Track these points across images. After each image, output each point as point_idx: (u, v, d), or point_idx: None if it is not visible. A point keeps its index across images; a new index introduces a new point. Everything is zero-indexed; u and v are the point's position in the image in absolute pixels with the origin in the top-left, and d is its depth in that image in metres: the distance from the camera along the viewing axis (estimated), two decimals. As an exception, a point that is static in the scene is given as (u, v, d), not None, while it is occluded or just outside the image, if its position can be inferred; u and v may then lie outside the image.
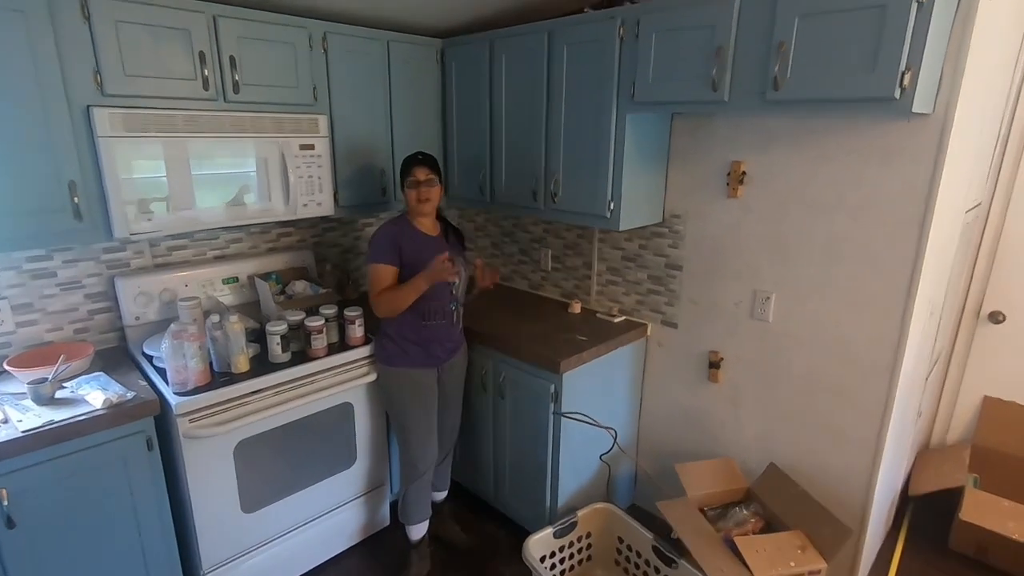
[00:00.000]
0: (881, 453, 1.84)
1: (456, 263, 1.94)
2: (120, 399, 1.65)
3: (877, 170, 1.68)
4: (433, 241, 2.00)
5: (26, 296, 1.88)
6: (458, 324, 2.10)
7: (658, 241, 2.27)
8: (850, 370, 1.85)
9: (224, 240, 2.32)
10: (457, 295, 2.01)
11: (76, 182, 1.65)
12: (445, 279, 1.83)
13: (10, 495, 1.46)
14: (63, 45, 1.57)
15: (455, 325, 2.08)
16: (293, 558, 2.11)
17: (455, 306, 2.04)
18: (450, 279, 1.85)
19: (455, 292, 2.00)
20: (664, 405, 2.41)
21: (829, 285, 1.84)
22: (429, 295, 1.95)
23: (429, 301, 1.96)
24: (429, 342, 2.02)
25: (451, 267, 1.80)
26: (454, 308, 2.04)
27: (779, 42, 1.50)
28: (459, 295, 2.02)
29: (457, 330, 2.11)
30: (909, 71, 1.33)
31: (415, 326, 1.99)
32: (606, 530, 2.10)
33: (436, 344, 2.03)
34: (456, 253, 2.03)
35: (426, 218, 2.00)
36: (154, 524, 1.75)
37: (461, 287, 2.00)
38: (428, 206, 1.95)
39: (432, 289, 1.94)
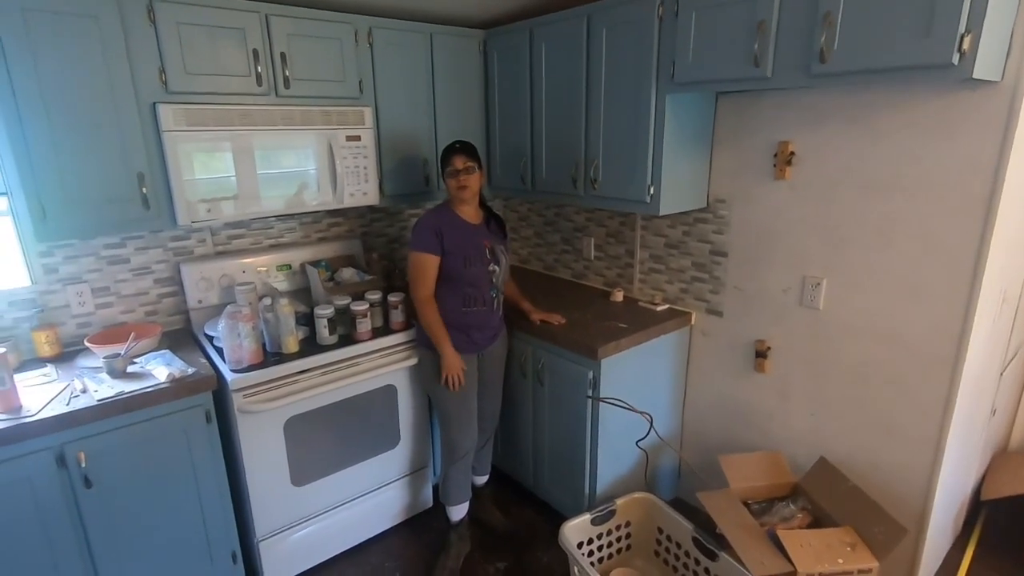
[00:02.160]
0: (943, 451, 1.71)
1: (497, 252, 2.00)
2: (182, 374, 1.78)
3: (938, 145, 1.57)
4: (475, 229, 2.03)
5: (104, 280, 2.07)
6: (498, 311, 2.12)
7: (702, 227, 2.21)
8: (907, 362, 1.73)
9: (278, 229, 2.45)
10: (497, 283, 2.04)
11: (144, 173, 1.79)
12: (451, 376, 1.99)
13: (88, 457, 1.61)
14: (132, 47, 1.71)
15: (495, 312, 2.10)
16: (340, 533, 2.20)
17: (495, 293, 2.07)
18: (452, 382, 1.99)
19: (495, 280, 2.03)
20: (709, 396, 2.34)
21: (884, 270, 1.73)
22: (471, 281, 1.99)
23: (469, 287, 2.00)
24: (469, 328, 2.05)
25: (456, 382, 1.99)
26: (495, 296, 2.06)
27: (825, 12, 1.43)
28: (499, 284, 2.04)
29: (497, 317, 2.14)
30: (969, 34, 1.24)
31: (456, 312, 2.02)
32: (646, 520, 2.07)
33: (476, 330, 2.07)
34: (497, 241, 2.07)
35: (468, 206, 2.02)
36: (212, 491, 1.87)
37: (502, 275, 2.03)
38: (467, 192, 1.97)
39: (473, 276, 1.98)
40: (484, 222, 2.08)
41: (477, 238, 2.02)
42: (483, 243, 2.02)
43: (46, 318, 1.96)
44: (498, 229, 2.13)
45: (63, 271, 1.98)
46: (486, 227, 2.07)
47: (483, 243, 2.02)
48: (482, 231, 2.05)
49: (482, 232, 2.04)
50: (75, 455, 1.59)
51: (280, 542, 2.04)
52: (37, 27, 1.56)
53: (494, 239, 2.08)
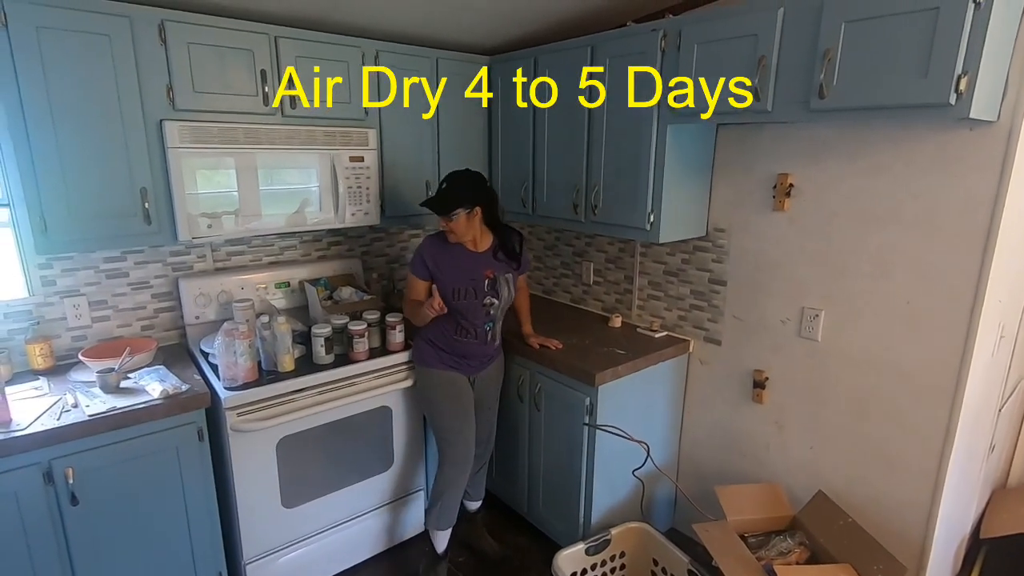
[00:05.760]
0: (942, 487, 1.70)
1: (499, 284, 1.96)
2: (176, 391, 1.76)
3: (936, 180, 1.58)
4: (475, 258, 1.97)
5: (101, 294, 2.06)
6: (492, 342, 2.08)
7: (701, 255, 2.22)
8: (907, 395, 1.73)
9: (278, 247, 2.46)
10: (494, 315, 2.01)
11: (147, 189, 1.80)
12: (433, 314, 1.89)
13: (76, 474, 1.59)
14: (142, 65, 1.73)
15: (488, 343, 2.06)
16: (329, 556, 2.16)
17: (491, 326, 2.03)
18: (429, 313, 1.87)
19: (492, 312, 1.99)
20: (706, 425, 2.32)
21: (883, 303, 1.74)
22: (463, 312, 1.96)
23: (462, 318, 1.97)
24: (460, 355, 2.04)
25: (436, 309, 1.85)
26: (488, 328, 2.02)
27: (824, 49, 1.46)
28: (496, 315, 2.02)
29: (491, 347, 2.09)
30: (966, 75, 1.26)
31: (448, 338, 2.01)
32: (641, 550, 2.03)
33: (465, 357, 2.05)
34: (503, 270, 2.00)
35: (468, 239, 1.95)
36: (201, 511, 1.84)
37: (501, 308, 2.00)
38: (452, 236, 1.92)
39: (464, 308, 1.95)
40: (492, 249, 2.00)
41: (477, 268, 1.96)
42: (483, 273, 1.96)
43: (41, 330, 1.95)
44: (507, 257, 2.02)
45: (61, 284, 1.97)
46: (492, 256, 2.00)
47: (483, 273, 1.96)
48: (484, 260, 1.98)
49: (484, 261, 1.98)
50: (63, 471, 1.57)
51: (268, 565, 2.00)
52: (50, 43, 1.58)
53: (500, 268, 2.00)
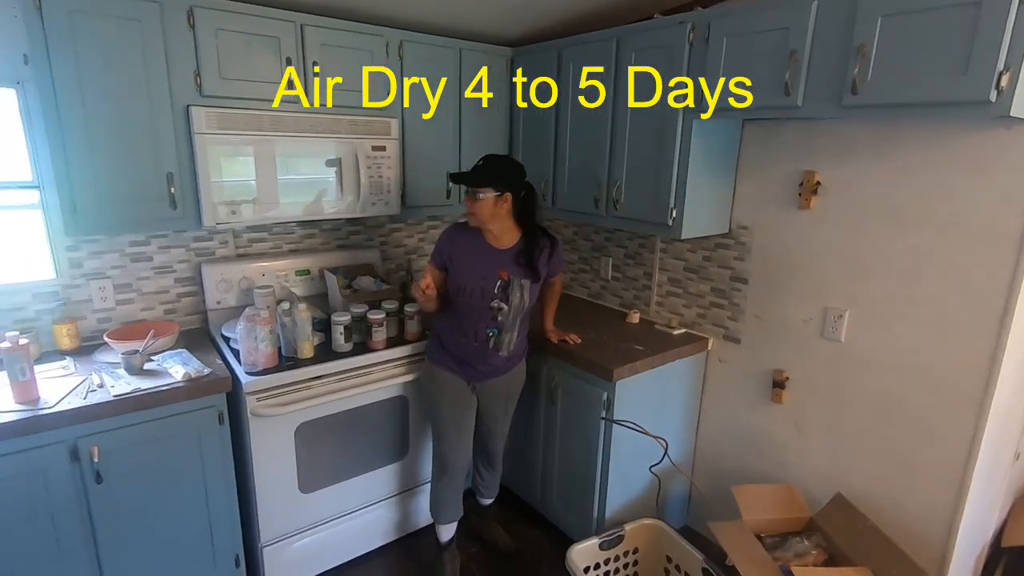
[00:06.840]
0: (966, 493, 1.67)
1: (511, 289, 1.82)
2: (198, 374, 1.78)
3: (970, 181, 1.55)
4: (494, 255, 1.84)
5: (126, 277, 2.09)
6: (495, 351, 1.90)
7: (723, 252, 2.20)
8: (932, 400, 1.70)
9: (299, 235, 2.47)
10: (501, 322, 1.86)
11: (173, 174, 1.82)
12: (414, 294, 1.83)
13: (101, 452, 1.62)
14: (171, 50, 1.75)
15: (490, 352, 1.90)
16: (343, 543, 2.18)
17: (493, 333, 1.87)
18: (415, 294, 1.82)
19: (500, 319, 1.85)
20: (723, 424, 2.30)
21: (910, 305, 1.71)
22: (465, 313, 1.87)
23: (464, 319, 1.89)
24: (459, 358, 1.95)
25: (420, 292, 1.78)
26: (490, 335, 1.87)
27: (859, 44, 1.43)
28: (505, 322, 1.86)
29: (494, 357, 1.92)
30: (1008, 71, 1.23)
31: (451, 337, 1.94)
32: (654, 547, 2.03)
33: (464, 363, 1.95)
34: (521, 276, 1.85)
35: (490, 228, 1.84)
36: (220, 493, 1.87)
37: (510, 315, 1.85)
38: (473, 219, 1.82)
39: (466, 307, 1.86)
40: (515, 250, 1.86)
41: (492, 266, 1.83)
42: (498, 273, 1.83)
43: (68, 312, 1.99)
44: (527, 262, 1.85)
45: (87, 266, 2.01)
46: (514, 257, 1.85)
47: (498, 273, 1.83)
48: (503, 259, 1.84)
49: (503, 260, 1.84)
50: (88, 449, 1.60)
51: (284, 548, 2.02)
52: (82, 27, 1.60)
53: (518, 272, 1.84)
